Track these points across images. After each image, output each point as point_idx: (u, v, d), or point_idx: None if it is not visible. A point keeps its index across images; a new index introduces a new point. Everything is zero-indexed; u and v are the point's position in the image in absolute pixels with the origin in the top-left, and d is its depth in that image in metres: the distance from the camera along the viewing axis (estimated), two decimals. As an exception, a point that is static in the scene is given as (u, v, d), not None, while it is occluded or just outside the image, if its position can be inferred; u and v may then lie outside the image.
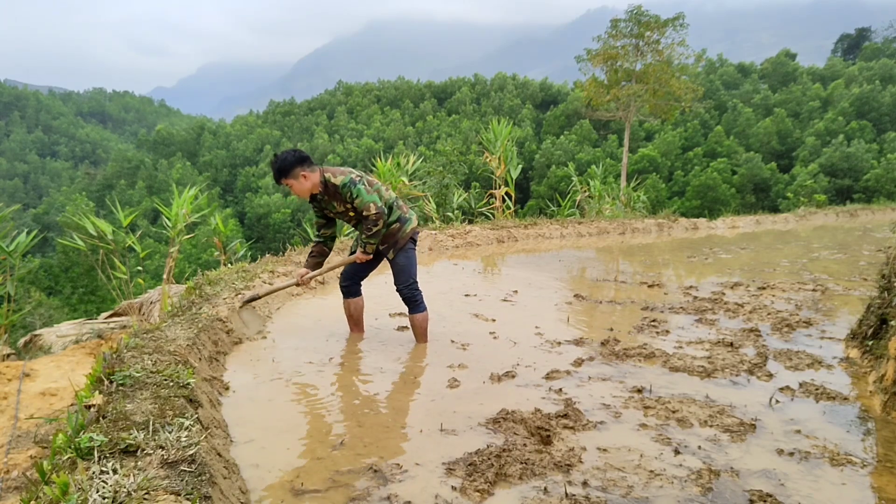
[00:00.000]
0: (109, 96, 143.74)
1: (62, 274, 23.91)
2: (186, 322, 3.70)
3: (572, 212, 12.63)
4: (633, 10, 22.40)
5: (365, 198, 3.60)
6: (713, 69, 60.58)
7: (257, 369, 3.56)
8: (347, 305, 4.12)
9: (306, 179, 3.57)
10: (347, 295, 4.08)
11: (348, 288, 4.04)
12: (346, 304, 4.11)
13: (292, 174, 3.53)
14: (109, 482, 1.72)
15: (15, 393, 3.62)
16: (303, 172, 3.54)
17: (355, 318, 4.16)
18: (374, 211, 3.61)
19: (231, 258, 8.36)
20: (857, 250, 9.10)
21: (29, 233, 6.92)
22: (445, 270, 7.07)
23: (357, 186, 3.60)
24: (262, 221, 53.09)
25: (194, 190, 8.04)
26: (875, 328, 3.78)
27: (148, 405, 2.30)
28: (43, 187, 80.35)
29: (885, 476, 2.47)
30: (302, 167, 3.54)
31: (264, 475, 2.34)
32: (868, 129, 45.63)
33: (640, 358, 3.86)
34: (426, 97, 77.52)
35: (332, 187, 3.62)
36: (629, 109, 22.80)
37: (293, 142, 72.54)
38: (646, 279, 6.59)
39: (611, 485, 2.31)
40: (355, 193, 3.60)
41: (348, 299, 4.09)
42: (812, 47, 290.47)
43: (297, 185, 3.56)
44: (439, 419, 2.87)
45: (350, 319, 4.17)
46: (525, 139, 55.37)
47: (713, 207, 32.88)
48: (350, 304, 4.10)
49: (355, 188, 3.60)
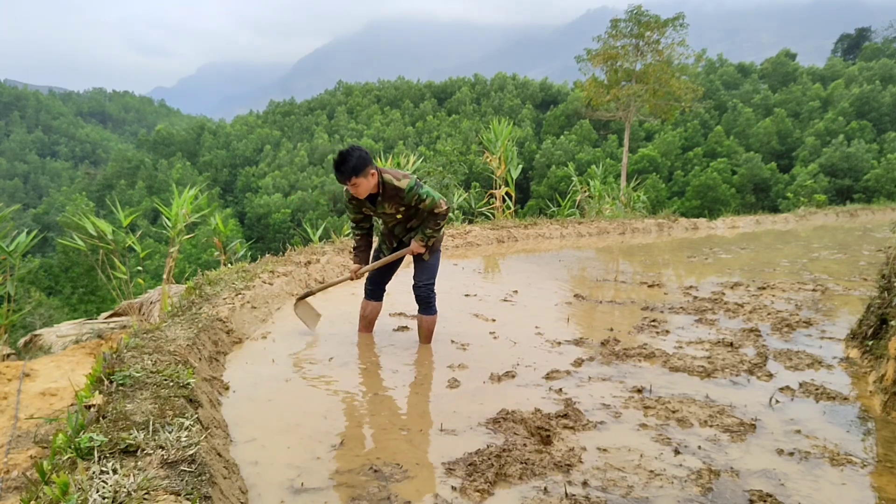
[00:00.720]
0: (109, 96, 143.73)
1: (62, 274, 23.92)
2: (186, 322, 3.70)
3: (572, 212, 12.63)
4: (633, 10, 22.40)
5: (435, 197, 3.64)
6: (713, 69, 60.59)
7: (257, 369, 3.56)
8: (366, 306, 4.12)
9: (373, 178, 3.54)
10: (371, 297, 4.09)
11: (373, 292, 4.06)
12: (365, 304, 4.12)
13: (364, 172, 3.48)
14: (109, 482, 1.72)
15: (15, 393, 3.62)
16: (371, 171, 3.53)
17: (369, 319, 4.17)
18: (444, 207, 3.66)
19: (231, 258, 8.36)
20: (857, 250, 9.10)
21: (29, 233, 6.92)
22: (445, 270, 7.04)
23: (423, 188, 3.63)
24: (262, 221, 53.10)
25: (194, 190, 8.04)
26: (875, 328, 3.78)
27: (148, 405, 2.30)
28: (43, 187, 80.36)
29: (885, 476, 2.47)
30: (371, 166, 3.53)
31: (264, 475, 2.34)
32: (868, 129, 45.64)
33: (640, 358, 3.86)
34: (426, 97, 77.54)
35: (393, 190, 3.61)
36: (629, 109, 22.80)
37: (293, 142, 72.55)
38: (646, 279, 6.59)
39: (611, 485, 2.31)
40: (424, 195, 3.61)
41: (370, 301, 4.10)
42: (812, 47, 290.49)
43: (365, 184, 3.51)
44: (439, 419, 2.87)
45: (363, 320, 4.17)
46: (525, 139, 55.38)
47: (713, 207, 32.88)
48: (369, 305, 4.11)
49: (423, 190, 3.62)
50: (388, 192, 3.62)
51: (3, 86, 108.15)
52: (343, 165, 3.47)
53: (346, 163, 3.46)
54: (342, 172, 3.47)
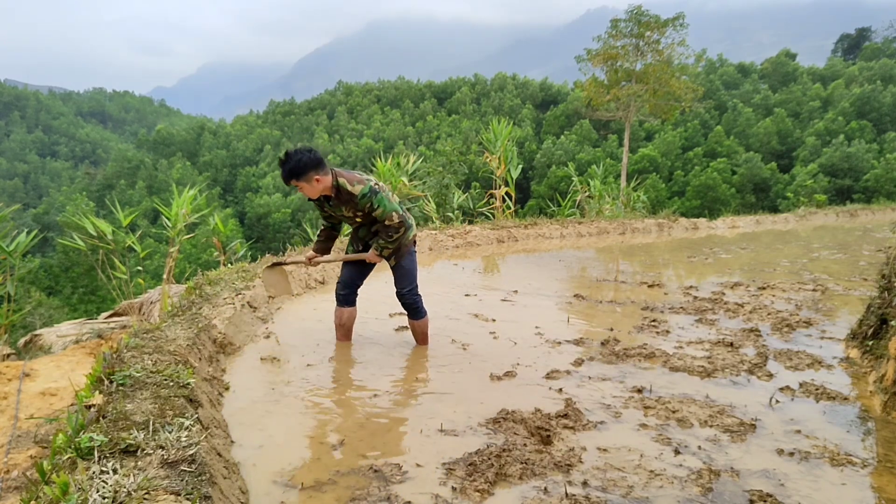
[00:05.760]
0: (109, 96, 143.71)
1: (62, 274, 23.93)
2: (186, 322, 3.70)
3: (572, 212, 12.64)
4: (633, 10, 22.38)
5: (388, 207, 3.52)
6: (713, 69, 60.56)
7: (257, 369, 3.56)
8: (341, 314, 3.98)
9: (318, 183, 3.42)
10: (344, 304, 3.96)
11: (346, 297, 3.94)
12: (339, 312, 3.98)
13: (305, 177, 3.38)
14: (109, 482, 1.72)
15: (15, 393, 3.62)
16: (316, 177, 3.39)
17: (347, 326, 4.04)
18: (397, 220, 3.55)
19: (231, 258, 8.36)
20: (857, 250, 9.10)
21: (29, 233, 6.92)
22: (445, 270, 7.07)
23: (379, 196, 3.49)
24: (262, 221, 53.06)
25: (194, 190, 8.04)
26: (875, 328, 3.78)
27: (148, 405, 2.30)
28: (43, 187, 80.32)
29: (885, 476, 2.47)
30: (316, 171, 3.39)
31: (264, 475, 2.34)
32: (868, 129, 45.62)
33: (640, 358, 3.86)
34: (426, 97, 77.50)
35: (347, 195, 3.49)
36: (629, 109, 22.78)
37: (293, 142, 72.55)
38: (646, 279, 6.59)
39: (611, 485, 2.31)
40: (377, 203, 3.49)
41: (343, 308, 3.97)
42: (812, 47, 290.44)
43: (308, 189, 3.42)
44: (439, 419, 2.86)
45: (341, 329, 4.03)
46: (525, 139, 55.36)
47: (713, 207, 32.88)
48: (344, 312, 3.97)
49: (377, 198, 3.49)
50: (343, 195, 3.51)
51: (3, 86, 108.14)
52: (283, 167, 3.40)
53: (285, 165, 3.39)
54: (283, 174, 3.40)
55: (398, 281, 3.83)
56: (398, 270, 3.81)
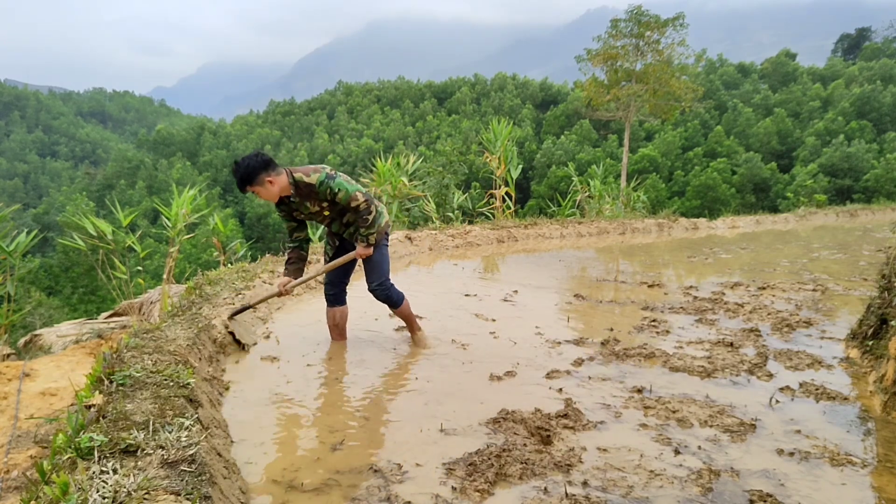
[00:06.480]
0: (109, 96, 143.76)
1: (62, 274, 23.93)
2: (186, 322, 3.70)
3: (572, 212, 12.64)
4: (633, 10, 22.40)
5: (349, 189, 3.45)
6: (713, 69, 60.59)
7: (257, 369, 3.56)
8: (332, 314, 3.95)
9: (273, 185, 3.38)
10: (334, 303, 3.92)
11: (336, 296, 3.90)
12: (330, 312, 3.95)
13: (258, 181, 3.33)
14: (109, 482, 1.72)
15: (15, 393, 3.62)
16: (268, 178, 3.35)
17: (340, 326, 4.01)
18: (362, 199, 3.47)
19: (231, 258, 8.36)
20: (857, 250, 9.09)
21: (29, 233, 6.92)
22: (445, 270, 7.07)
23: (336, 180, 3.44)
24: (262, 221, 53.06)
25: (194, 190, 8.05)
26: (875, 328, 3.78)
27: (148, 405, 2.30)
28: (43, 187, 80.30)
29: (885, 476, 2.47)
30: (267, 172, 3.35)
31: (264, 475, 2.34)
32: (868, 129, 45.64)
33: (640, 358, 3.86)
34: (426, 97, 77.54)
35: (306, 187, 3.45)
36: (629, 109, 22.79)
37: (293, 142, 72.56)
38: (646, 279, 6.59)
39: (611, 485, 2.31)
40: (336, 188, 3.43)
41: (334, 308, 3.93)
42: (812, 47, 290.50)
43: (264, 192, 3.38)
44: (439, 419, 2.86)
45: (334, 329, 4.00)
46: (525, 139, 55.37)
47: (713, 207, 32.89)
48: (336, 312, 3.94)
49: (335, 182, 3.43)
50: (302, 190, 3.47)
51: (3, 86, 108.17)
52: (235, 177, 3.37)
53: (236, 175, 3.36)
54: (238, 185, 3.36)
55: (368, 275, 3.77)
56: (367, 264, 3.74)
